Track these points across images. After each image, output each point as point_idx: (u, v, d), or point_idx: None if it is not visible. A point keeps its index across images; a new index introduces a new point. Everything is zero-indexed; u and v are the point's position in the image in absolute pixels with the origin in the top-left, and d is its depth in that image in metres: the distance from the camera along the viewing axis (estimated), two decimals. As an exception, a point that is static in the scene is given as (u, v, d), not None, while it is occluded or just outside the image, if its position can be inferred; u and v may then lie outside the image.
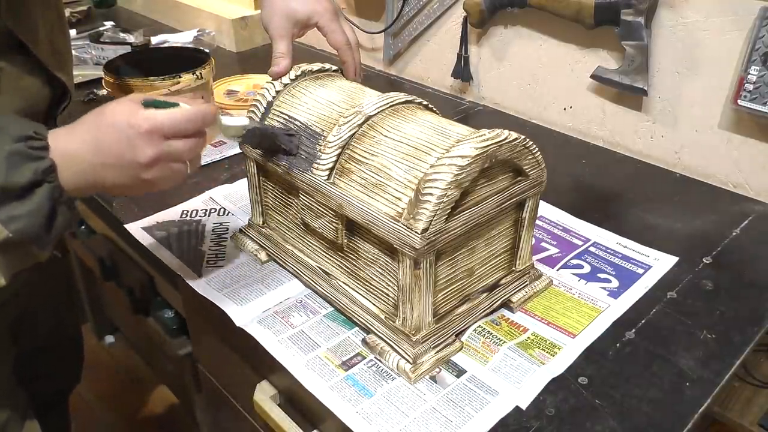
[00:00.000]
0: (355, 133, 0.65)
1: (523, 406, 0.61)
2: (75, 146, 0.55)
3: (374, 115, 0.66)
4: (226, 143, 1.06)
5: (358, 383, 0.63)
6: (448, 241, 0.61)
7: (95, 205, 1.00)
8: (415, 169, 0.60)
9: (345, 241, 0.68)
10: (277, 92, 0.74)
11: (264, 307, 0.73)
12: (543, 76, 1.15)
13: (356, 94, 0.71)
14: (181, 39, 1.52)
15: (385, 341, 0.66)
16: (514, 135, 0.62)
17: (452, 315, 0.67)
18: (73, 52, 1.40)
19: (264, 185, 0.78)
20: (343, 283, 0.71)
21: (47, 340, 0.99)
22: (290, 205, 0.75)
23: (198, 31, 1.54)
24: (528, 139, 0.64)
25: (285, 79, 0.75)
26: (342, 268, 0.71)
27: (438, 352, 0.65)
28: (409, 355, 0.64)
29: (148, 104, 0.58)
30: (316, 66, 0.77)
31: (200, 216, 0.90)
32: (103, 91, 1.24)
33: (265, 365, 0.74)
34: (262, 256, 0.80)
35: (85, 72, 1.33)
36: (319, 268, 0.74)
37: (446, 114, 1.20)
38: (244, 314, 0.72)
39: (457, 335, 0.68)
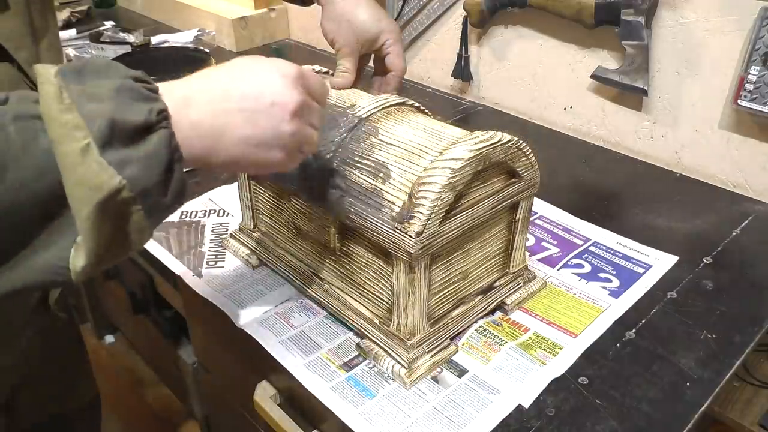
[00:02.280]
0: (347, 135, 0.65)
1: (526, 405, 0.61)
2: (194, 90, 0.45)
3: (367, 117, 0.66)
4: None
5: (360, 384, 0.63)
6: (442, 245, 0.61)
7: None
8: (408, 172, 0.60)
9: (338, 245, 0.68)
10: None
11: (264, 308, 0.73)
12: (543, 76, 1.15)
13: (349, 97, 0.71)
14: (181, 39, 1.52)
15: (380, 346, 0.66)
16: (507, 137, 0.62)
17: (447, 318, 0.67)
18: (73, 52, 1.41)
19: (255, 189, 0.78)
20: (336, 287, 0.71)
21: (55, 413, 0.88)
22: (282, 209, 0.75)
23: (198, 31, 1.54)
24: (521, 141, 0.64)
25: None
26: (335, 272, 0.71)
27: (433, 356, 0.65)
28: (404, 360, 0.63)
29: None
30: (307, 68, 0.77)
31: (200, 217, 0.90)
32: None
33: (265, 365, 0.74)
34: (254, 260, 0.79)
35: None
36: (312, 272, 0.73)
37: (446, 114, 1.21)
38: (244, 315, 0.72)
39: (452, 338, 0.68)
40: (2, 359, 0.71)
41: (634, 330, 0.70)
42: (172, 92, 0.44)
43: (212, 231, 0.87)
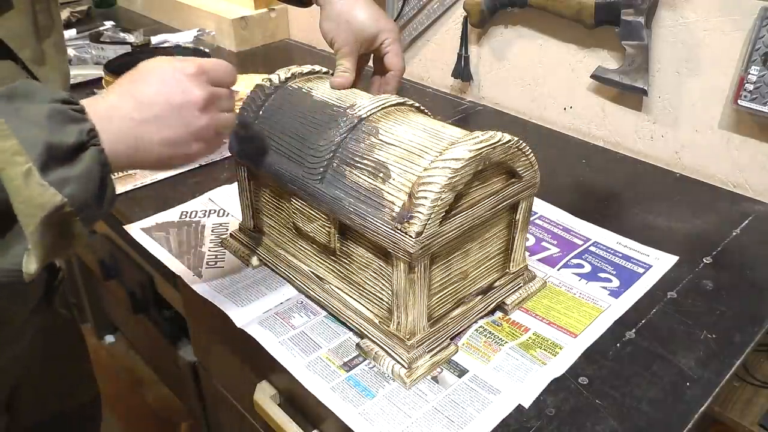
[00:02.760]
0: (347, 135, 0.65)
1: (526, 405, 0.61)
2: (112, 106, 0.50)
3: (366, 117, 0.66)
4: (225, 143, 1.06)
5: (360, 384, 0.63)
6: (442, 245, 0.61)
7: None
8: (408, 172, 0.60)
9: (338, 245, 0.68)
10: (268, 95, 0.74)
11: (264, 308, 0.73)
12: (543, 76, 1.15)
13: (348, 97, 0.71)
14: (181, 39, 1.52)
15: (380, 346, 0.66)
16: (507, 137, 0.62)
17: (447, 318, 0.67)
18: (74, 52, 1.41)
19: (255, 189, 0.78)
20: (336, 287, 0.71)
21: (56, 411, 0.90)
22: (282, 209, 0.75)
23: (198, 31, 1.54)
24: (521, 141, 0.64)
25: (276, 81, 0.75)
26: (335, 272, 0.71)
27: (433, 356, 0.65)
28: (404, 360, 0.63)
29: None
30: (306, 68, 0.77)
31: (200, 217, 0.90)
32: (103, 91, 1.23)
33: (265, 366, 0.74)
34: (254, 260, 0.79)
35: (85, 72, 1.33)
36: (312, 272, 0.73)
37: (446, 114, 1.21)
38: (244, 315, 0.72)
39: (452, 338, 0.68)
40: (3, 357, 0.71)
41: (634, 330, 0.70)
42: (96, 111, 0.48)
43: (212, 231, 0.87)
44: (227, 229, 0.87)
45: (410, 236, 0.57)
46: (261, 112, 0.73)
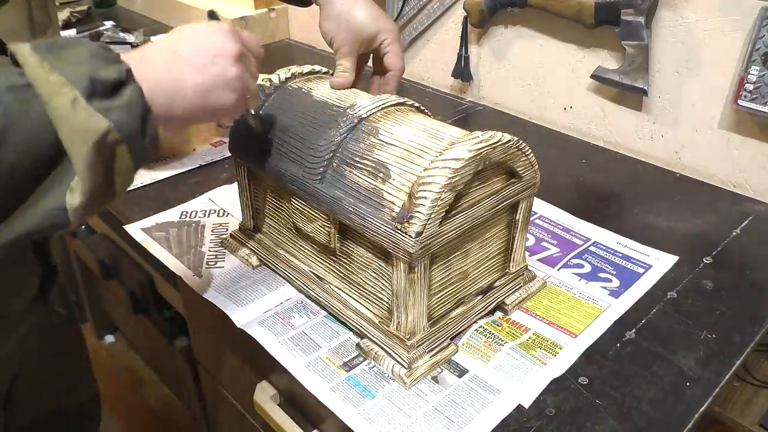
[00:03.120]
0: (347, 135, 0.65)
1: (526, 405, 0.61)
2: (148, 55, 0.52)
3: (366, 117, 0.66)
4: (225, 143, 1.06)
5: (360, 384, 0.63)
6: (442, 245, 0.61)
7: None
8: (408, 172, 0.60)
9: (338, 245, 0.68)
10: (268, 95, 0.74)
11: (264, 308, 0.73)
12: (543, 76, 1.15)
13: (348, 97, 0.71)
14: (181, 39, 1.51)
15: (380, 346, 0.66)
16: (507, 137, 0.62)
17: (447, 318, 0.67)
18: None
19: (255, 189, 0.78)
20: (336, 287, 0.71)
21: (53, 409, 0.89)
22: (282, 209, 0.75)
23: (198, 31, 1.54)
24: (521, 141, 0.64)
25: (276, 81, 0.75)
26: (335, 272, 0.71)
27: (433, 356, 0.65)
28: (404, 360, 0.63)
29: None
30: (306, 68, 0.77)
31: (200, 217, 0.90)
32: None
33: (265, 366, 0.74)
34: (254, 260, 0.79)
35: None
36: (312, 272, 0.73)
37: (446, 114, 1.21)
38: (244, 315, 0.72)
39: (452, 338, 0.68)
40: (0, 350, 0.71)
41: (634, 330, 0.70)
42: (129, 57, 0.50)
43: (212, 231, 0.87)
44: (227, 229, 0.87)
45: (410, 236, 0.57)
46: (261, 112, 0.73)
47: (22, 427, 0.83)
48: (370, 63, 0.79)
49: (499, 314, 0.72)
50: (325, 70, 0.78)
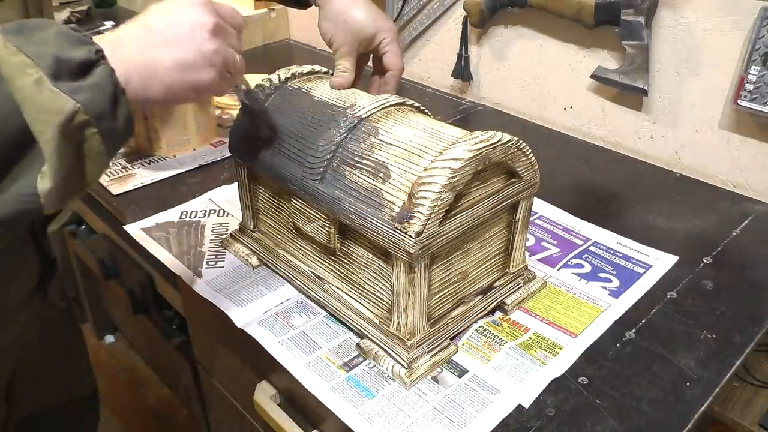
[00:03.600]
0: (347, 135, 0.65)
1: (526, 405, 0.61)
2: (121, 35, 0.50)
3: (366, 117, 0.66)
4: (225, 143, 1.06)
5: (360, 384, 0.63)
6: (442, 245, 0.61)
7: (95, 204, 1.00)
8: (408, 172, 0.60)
9: (338, 245, 0.68)
10: (268, 95, 0.74)
11: (264, 308, 0.73)
12: (543, 76, 1.15)
13: (348, 97, 0.71)
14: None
15: (380, 346, 0.66)
16: (507, 137, 0.62)
17: (447, 318, 0.67)
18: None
19: (255, 189, 0.78)
20: (336, 287, 0.71)
21: (53, 403, 0.90)
22: (282, 209, 0.75)
23: (198, 31, 1.54)
24: (521, 141, 0.64)
25: (276, 81, 0.75)
26: (335, 272, 0.71)
27: (433, 356, 0.65)
28: (404, 360, 0.63)
29: None
30: (306, 68, 0.77)
31: (200, 217, 0.90)
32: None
33: (265, 365, 0.74)
34: (254, 260, 0.79)
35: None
36: (312, 272, 0.73)
37: (446, 114, 1.21)
38: (244, 315, 0.72)
39: (452, 338, 0.68)
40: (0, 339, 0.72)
41: (634, 330, 0.70)
42: (101, 38, 0.49)
43: (212, 231, 0.87)
44: (227, 229, 0.87)
45: (410, 236, 0.57)
46: (260, 111, 0.73)
47: (22, 421, 0.83)
48: (370, 63, 0.80)
49: (499, 314, 0.72)
50: (325, 70, 0.78)
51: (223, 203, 0.93)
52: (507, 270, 0.73)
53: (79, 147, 0.45)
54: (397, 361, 0.64)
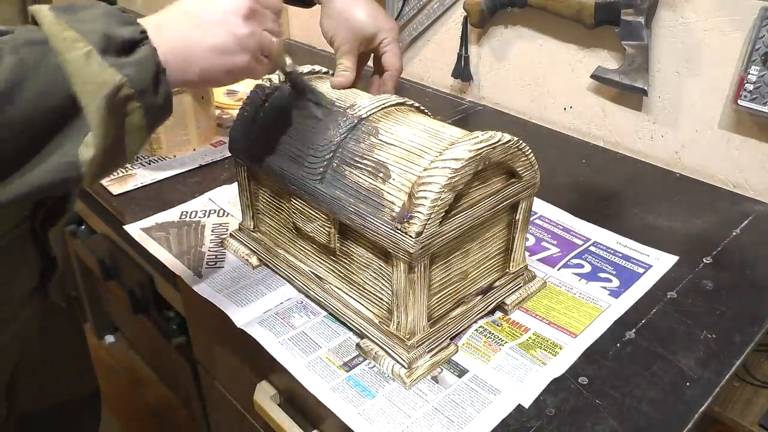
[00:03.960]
0: (347, 135, 0.65)
1: (526, 405, 0.61)
2: (161, 18, 0.52)
3: (366, 117, 0.66)
4: (225, 143, 1.06)
5: (360, 384, 0.63)
6: (442, 245, 0.61)
7: (95, 204, 1.00)
8: (408, 172, 0.60)
9: (338, 245, 0.68)
10: (268, 95, 0.74)
11: (264, 308, 0.73)
12: (543, 76, 1.15)
13: (348, 97, 0.71)
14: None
15: (380, 346, 0.66)
16: (507, 137, 0.62)
17: (447, 318, 0.67)
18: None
19: (255, 189, 0.78)
20: (336, 287, 0.71)
21: (54, 402, 0.90)
22: (282, 209, 0.75)
23: (198, 31, 1.53)
24: (521, 141, 0.64)
25: (276, 81, 0.74)
26: (335, 272, 0.71)
27: (433, 356, 0.65)
28: (404, 360, 0.63)
29: None
30: (306, 68, 0.77)
31: (200, 217, 0.90)
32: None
33: (265, 366, 0.74)
34: (254, 260, 0.79)
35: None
36: (312, 272, 0.73)
37: (446, 114, 1.21)
38: (244, 315, 0.72)
39: (452, 338, 0.68)
40: (1, 336, 0.72)
41: (634, 330, 0.70)
42: (146, 21, 0.51)
43: (212, 231, 0.87)
44: (227, 229, 0.87)
45: (410, 236, 0.57)
46: (261, 112, 0.73)
47: (23, 419, 0.83)
48: (370, 63, 0.80)
49: (499, 314, 0.72)
50: (325, 70, 0.78)
51: (223, 203, 0.93)
52: (507, 270, 0.73)
53: (122, 119, 0.47)
54: (397, 361, 0.64)
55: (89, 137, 0.45)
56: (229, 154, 0.77)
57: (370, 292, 0.67)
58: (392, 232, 0.58)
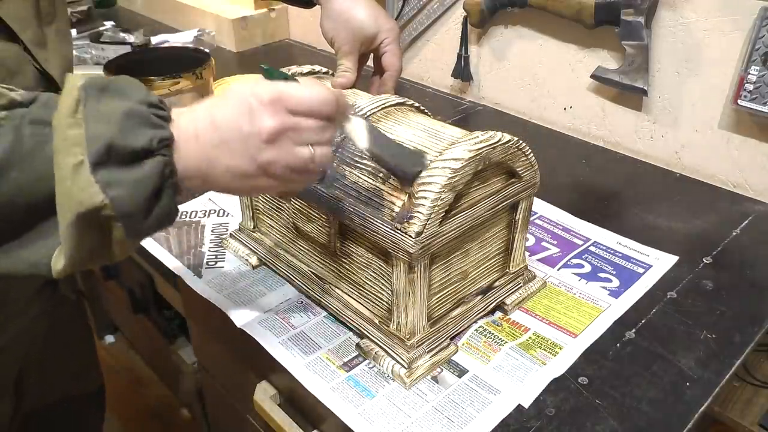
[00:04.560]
0: (346, 135, 0.65)
1: (526, 405, 0.61)
2: (194, 124, 0.47)
3: (367, 117, 0.66)
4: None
5: (360, 384, 0.63)
6: (442, 245, 0.61)
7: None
8: None
9: (338, 245, 0.68)
10: None
11: (264, 308, 0.73)
12: (543, 76, 1.15)
13: (348, 97, 0.71)
14: (181, 39, 1.52)
15: (380, 346, 0.66)
16: (507, 137, 0.62)
17: (447, 318, 0.67)
18: (74, 52, 1.40)
19: None
20: (336, 287, 0.71)
21: (61, 397, 0.90)
22: (282, 209, 0.75)
23: (198, 31, 1.54)
24: (521, 141, 0.64)
25: None
26: (335, 272, 0.71)
27: (433, 356, 0.65)
28: (404, 360, 0.63)
29: (274, 77, 0.51)
30: (306, 68, 0.77)
31: (200, 217, 0.90)
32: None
33: (265, 365, 0.74)
34: (253, 260, 0.79)
35: (85, 72, 1.33)
36: (312, 272, 0.73)
37: (446, 114, 1.21)
38: (244, 315, 0.72)
39: (452, 338, 0.68)
40: (9, 332, 0.72)
41: (634, 330, 0.70)
42: (179, 122, 0.47)
43: (212, 231, 0.87)
44: (227, 229, 0.87)
45: (410, 236, 0.57)
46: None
47: (30, 414, 0.83)
48: (370, 63, 0.80)
49: (499, 314, 0.72)
50: (325, 70, 0.78)
51: (223, 203, 0.93)
52: (507, 270, 0.73)
53: (100, 235, 0.44)
54: (397, 361, 0.64)
55: (58, 251, 0.43)
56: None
57: (370, 292, 0.67)
58: (392, 232, 0.58)
